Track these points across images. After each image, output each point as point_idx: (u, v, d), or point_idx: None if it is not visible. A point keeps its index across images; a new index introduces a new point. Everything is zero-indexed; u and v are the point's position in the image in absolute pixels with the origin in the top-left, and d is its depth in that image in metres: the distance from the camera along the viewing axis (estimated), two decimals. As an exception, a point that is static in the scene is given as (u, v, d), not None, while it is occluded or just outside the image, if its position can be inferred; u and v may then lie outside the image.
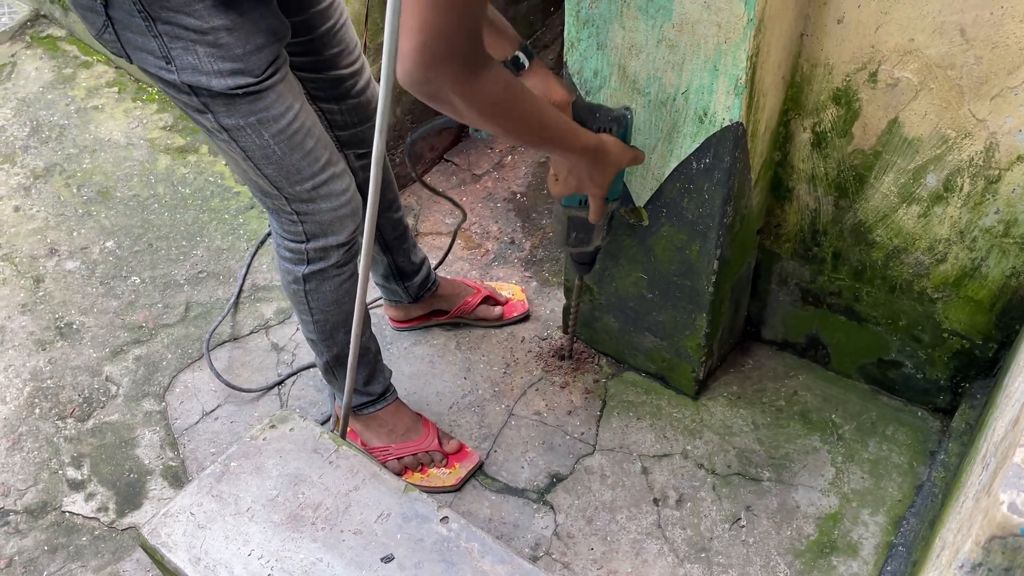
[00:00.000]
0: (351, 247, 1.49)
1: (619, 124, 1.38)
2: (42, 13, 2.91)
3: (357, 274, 1.55)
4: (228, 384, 1.90)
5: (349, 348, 1.61)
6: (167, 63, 1.20)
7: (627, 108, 1.41)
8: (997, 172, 1.37)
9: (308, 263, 1.48)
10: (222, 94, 1.22)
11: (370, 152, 1.68)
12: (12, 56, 2.79)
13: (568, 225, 1.51)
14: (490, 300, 1.98)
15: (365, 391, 1.69)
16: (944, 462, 1.53)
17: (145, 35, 1.18)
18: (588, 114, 1.38)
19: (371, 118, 1.59)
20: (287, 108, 1.29)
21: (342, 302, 1.55)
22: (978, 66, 1.29)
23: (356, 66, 1.52)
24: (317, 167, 1.36)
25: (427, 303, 1.95)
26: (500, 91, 1.07)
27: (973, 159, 1.38)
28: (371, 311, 1.99)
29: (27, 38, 2.86)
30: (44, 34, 2.87)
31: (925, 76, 1.34)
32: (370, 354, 1.67)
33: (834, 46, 1.39)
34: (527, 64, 1.34)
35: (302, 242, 1.45)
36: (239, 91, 1.22)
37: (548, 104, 1.23)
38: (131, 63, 1.24)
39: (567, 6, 1.41)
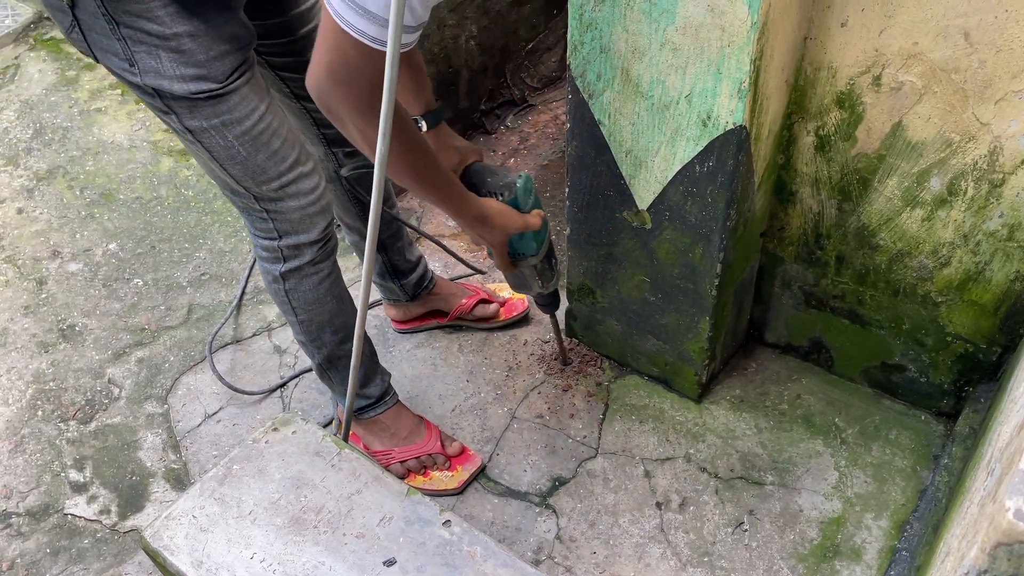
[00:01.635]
0: (325, 244, 1.49)
1: (509, 191, 1.44)
2: (45, 15, 2.91)
3: (337, 273, 1.55)
4: (230, 387, 1.90)
5: (340, 349, 1.61)
6: (130, 65, 1.21)
7: (521, 175, 1.45)
8: (1001, 176, 1.37)
9: (284, 260, 1.48)
10: (185, 97, 1.23)
11: (357, 150, 1.69)
12: (16, 58, 2.80)
13: (528, 274, 1.60)
14: (487, 300, 1.98)
15: (363, 394, 1.69)
16: (948, 466, 1.53)
17: (110, 37, 1.19)
18: (480, 179, 1.45)
19: None
20: (252, 110, 1.29)
21: (324, 301, 1.55)
22: (982, 70, 1.28)
23: None
24: (284, 167, 1.36)
25: (425, 302, 1.95)
26: (397, 134, 1.15)
27: (977, 163, 1.38)
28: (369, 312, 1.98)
29: (31, 40, 2.86)
30: (47, 36, 2.87)
31: (929, 80, 1.34)
32: (364, 355, 1.67)
33: (838, 49, 1.39)
34: (424, 128, 1.44)
35: (274, 239, 1.45)
36: (201, 95, 1.23)
37: (442, 165, 1.32)
38: (98, 62, 1.26)
39: (570, 9, 1.41)
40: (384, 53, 1.07)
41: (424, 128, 1.45)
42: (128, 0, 1.15)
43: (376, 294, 1.99)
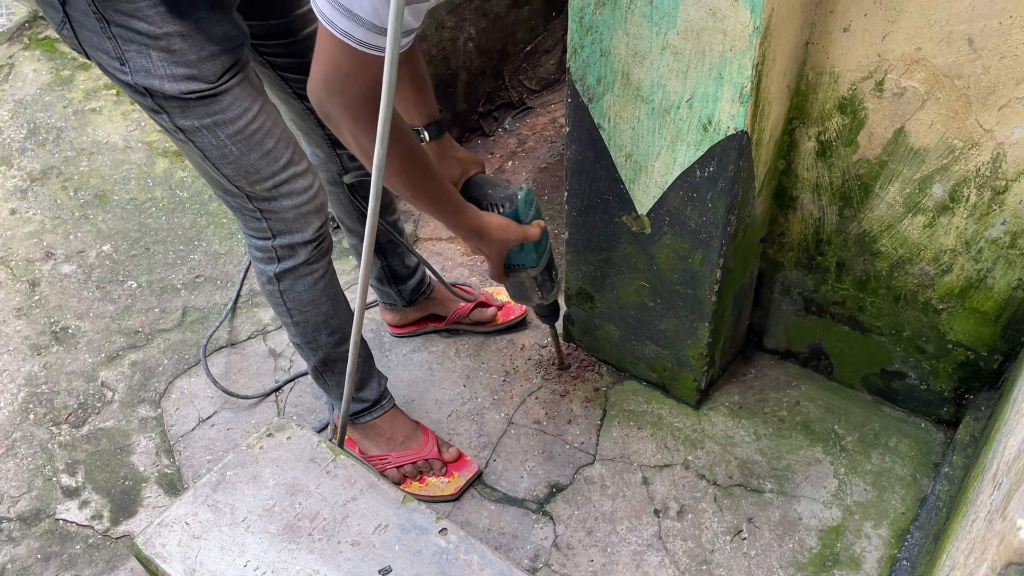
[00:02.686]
0: (319, 244, 1.47)
1: (510, 203, 1.44)
2: (40, 15, 2.89)
3: (332, 273, 1.54)
4: (225, 391, 1.88)
5: (336, 351, 1.59)
6: (121, 64, 1.20)
7: (522, 188, 1.45)
8: (1004, 183, 1.36)
9: (278, 261, 1.47)
10: (176, 97, 1.23)
11: None
12: (10, 58, 2.78)
13: (528, 285, 1.59)
14: (484, 304, 1.97)
15: (359, 398, 1.68)
16: (948, 475, 1.51)
17: (100, 35, 1.18)
18: (481, 191, 1.45)
19: None
20: (244, 110, 1.28)
21: (319, 302, 1.53)
22: (986, 76, 1.27)
23: None
24: (277, 167, 1.35)
25: (422, 307, 1.94)
26: (394, 143, 1.16)
27: (980, 169, 1.37)
28: (367, 315, 1.97)
29: (25, 39, 2.84)
30: (42, 36, 2.85)
31: (932, 86, 1.33)
32: (360, 359, 1.65)
33: (840, 55, 1.38)
34: (426, 139, 1.44)
35: (268, 239, 1.44)
36: (192, 95, 1.23)
37: (442, 176, 1.32)
38: (89, 59, 1.25)
39: (571, 12, 1.40)
40: (375, 58, 1.07)
41: (426, 139, 1.44)
42: (118, 0, 1.14)
43: (371, 296, 1.97)
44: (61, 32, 1.23)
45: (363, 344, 1.66)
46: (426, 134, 1.44)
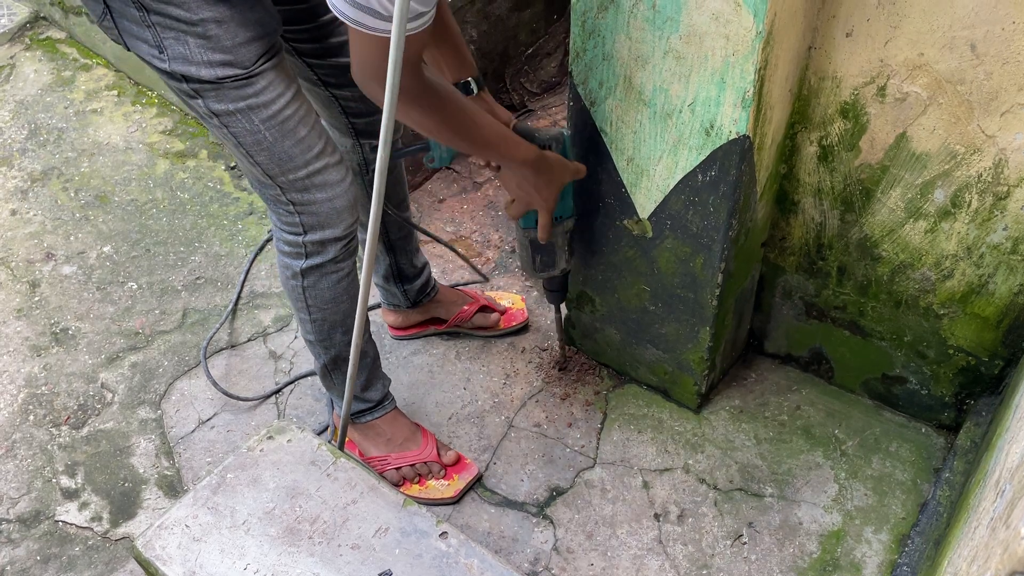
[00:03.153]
0: (349, 242, 1.48)
1: (557, 142, 1.47)
2: (42, 15, 2.89)
3: (355, 273, 1.54)
4: (225, 392, 1.88)
5: (347, 351, 1.59)
6: (160, 52, 1.24)
7: (564, 130, 1.49)
8: (1006, 188, 1.36)
9: (306, 257, 1.47)
10: (211, 83, 1.25)
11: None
12: (11, 58, 2.78)
13: (531, 249, 1.60)
14: (487, 309, 1.96)
15: (363, 397, 1.68)
16: (949, 480, 1.51)
17: (139, 24, 1.22)
18: (528, 135, 1.46)
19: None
20: (278, 95, 1.30)
21: (340, 300, 1.53)
22: (988, 82, 1.27)
23: None
24: (311, 155, 1.36)
25: (425, 309, 1.94)
26: (438, 103, 1.24)
27: (982, 175, 1.37)
28: (370, 316, 1.96)
29: (26, 40, 2.84)
30: (43, 36, 2.85)
31: (934, 91, 1.33)
32: (368, 359, 1.65)
33: (843, 59, 1.38)
34: (475, 91, 1.47)
35: (299, 234, 1.44)
36: (228, 80, 1.25)
37: (491, 118, 1.36)
38: (128, 50, 1.28)
39: (573, 16, 1.40)
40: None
41: (475, 91, 1.47)
42: None
43: (375, 297, 1.97)
44: (102, 24, 1.26)
45: (371, 344, 1.67)
46: (475, 86, 1.47)
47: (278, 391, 1.91)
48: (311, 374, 1.92)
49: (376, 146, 1.61)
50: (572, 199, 1.56)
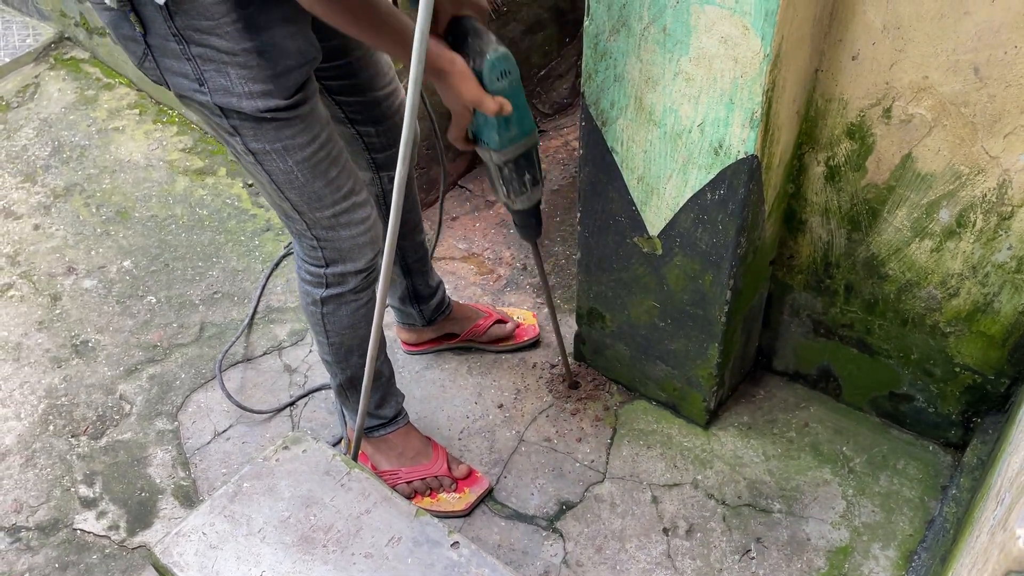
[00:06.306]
0: (370, 274, 1.51)
1: (479, 59, 1.28)
2: (66, 35, 2.96)
3: (374, 300, 1.56)
4: (239, 405, 1.91)
5: (363, 372, 1.62)
6: (200, 85, 1.24)
7: (499, 51, 1.28)
8: (1010, 208, 1.38)
9: (327, 287, 1.50)
10: (252, 117, 1.26)
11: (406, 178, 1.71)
12: (36, 77, 2.84)
13: (493, 173, 1.45)
14: (501, 321, 1.99)
15: (377, 414, 1.70)
16: (956, 497, 1.52)
17: (179, 59, 1.22)
18: (462, 35, 1.30)
19: (399, 138, 1.62)
20: (313, 137, 1.32)
21: (358, 326, 1.56)
22: (991, 104, 1.30)
23: (390, 87, 1.56)
24: (339, 195, 1.38)
25: (439, 326, 1.97)
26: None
27: (986, 195, 1.39)
28: (386, 334, 1.99)
29: (51, 60, 2.91)
30: (68, 56, 2.92)
31: (939, 113, 1.36)
32: (383, 378, 1.68)
33: (849, 82, 1.41)
34: None
35: (321, 267, 1.47)
36: (268, 115, 1.26)
37: (406, 20, 1.23)
38: (170, 89, 1.28)
39: (585, 39, 1.44)
40: None
41: None
42: (198, 17, 1.17)
43: (389, 315, 2.00)
44: (143, 65, 1.26)
45: (387, 363, 1.70)
46: None
47: (292, 403, 1.94)
48: (325, 387, 1.95)
49: (393, 176, 1.65)
50: (499, 134, 1.36)
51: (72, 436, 1.90)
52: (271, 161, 1.32)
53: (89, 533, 1.73)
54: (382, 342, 1.65)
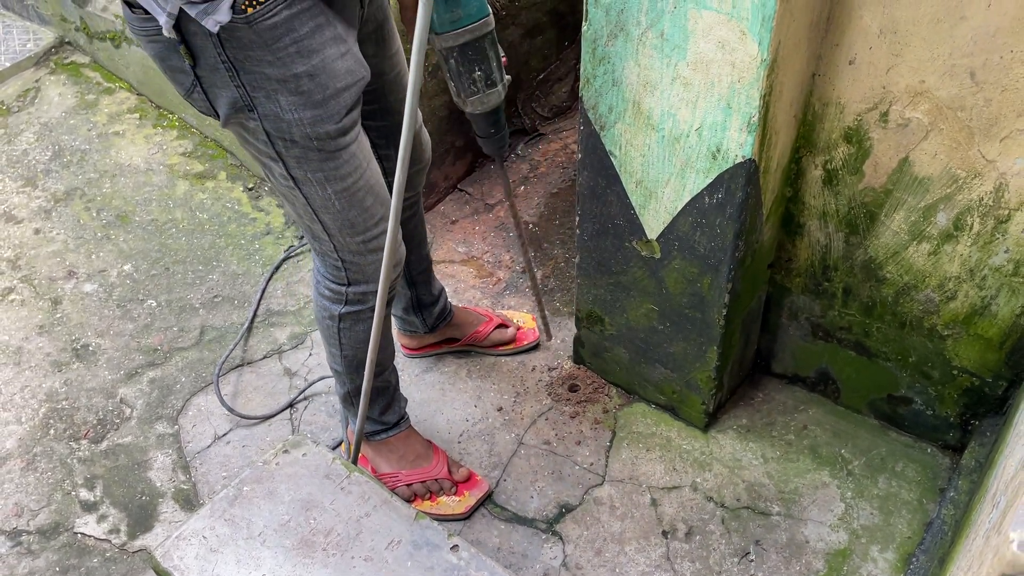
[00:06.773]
0: (390, 294, 1.51)
1: None
2: (66, 40, 2.97)
3: (389, 317, 1.56)
4: (232, 411, 1.91)
5: (371, 382, 1.63)
6: (250, 111, 1.22)
7: None
8: (1007, 212, 1.39)
9: (346, 303, 1.50)
10: (299, 144, 1.24)
11: (417, 196, 1.71)
12: (36, 81, 2.85)
13: (441, 65, 1.37)
14: (502, 326, 2.00)
15: (380, 420, 1.71)
16: (954, 499, 1.53)
17: (229, 86, 1.19)
18: None
19: (420, 160, 1.65)
20: (355, 168, 1.31)
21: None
22: (988, 108, 1.31)
23: None
24: (371, 223, 1.39)
25: (441, 332, 1.97)
26: None
27: (983, 199, 1.40)
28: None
29: (51, 64, 2.92)
30: (68, 60, 2.93)
31: (935, 117, 1.36)
32: (390, 387, 1.69)
33: (846, 86, 1.42)
34: None
35: (343, 285, 1.47)
36: (315, 143, 1.24)
37: None
38: (218, 119, 1.25)
39: (583, 43, 1.44)
40: None
41: None
42: (249, 45, 1.15)
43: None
44: (191, 96, 1.24)
45: (394, 373, 1.70)
46: None
47: (291, 405, 1.94)
48: (320, 380, 1.95)
49: (407, 197, 1.65)
50: (438, 12, 1.28)
51: (73, 440, 1.90)
52: (310, 188, 1.31)
53: (90, 537, 1.73)
54: (392, 352, 1.66)
